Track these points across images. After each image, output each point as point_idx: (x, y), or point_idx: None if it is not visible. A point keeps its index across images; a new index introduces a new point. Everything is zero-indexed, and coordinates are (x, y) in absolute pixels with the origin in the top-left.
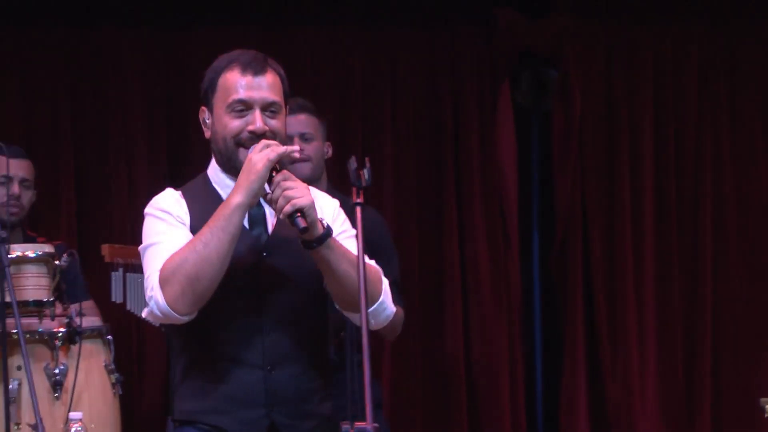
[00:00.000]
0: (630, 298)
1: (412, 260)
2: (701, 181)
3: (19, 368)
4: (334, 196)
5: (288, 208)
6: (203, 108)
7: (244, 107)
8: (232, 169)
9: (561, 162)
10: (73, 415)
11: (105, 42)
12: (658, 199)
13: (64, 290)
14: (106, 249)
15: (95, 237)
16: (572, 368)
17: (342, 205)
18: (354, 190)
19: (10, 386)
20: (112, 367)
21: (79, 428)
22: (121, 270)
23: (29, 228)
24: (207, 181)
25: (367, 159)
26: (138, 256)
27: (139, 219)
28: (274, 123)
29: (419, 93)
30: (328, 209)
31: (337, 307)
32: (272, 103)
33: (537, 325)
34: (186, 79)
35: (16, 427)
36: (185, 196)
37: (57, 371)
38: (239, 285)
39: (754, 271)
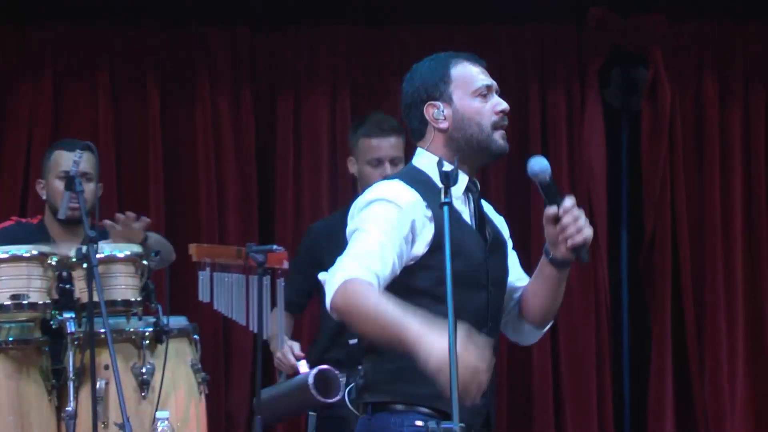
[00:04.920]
0: (719, 299)
1: None
2: None
3: (106, 368)
4: None
5: (579, 239)
6: (432, 103)
7: (488, 92)
8: (478, 155)
9: (650, 162)
10: (159, 414)
11: (195, 39)
12: (748, 199)
13: (152, 290)
14: (193, 248)
15: (183, 236)
16: (660, 370)
17: None
18: (443, 189)
19: (98, 385)
20: (199, 366)
21: (166, 427)
22: (208, 269)
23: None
24: (425, 176)
25: (455, 158)
26: (225, 256)
27: (226, 219)
28: None
29: (506, 90)
30: (503, 225)
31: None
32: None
33: (625, 325)
34: (275, 79)
35: (103, 426)
36: (424, 196)
37: (144, 370)
38: (473, 279)
39: None
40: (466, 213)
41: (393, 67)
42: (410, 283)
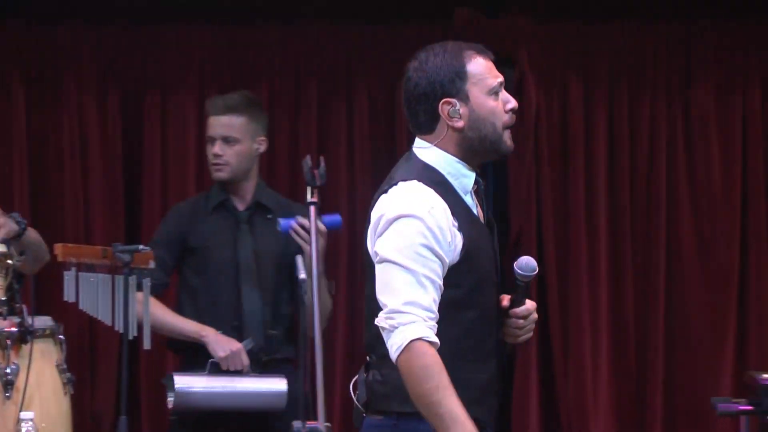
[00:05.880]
0: (584, 298)
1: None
2: (655, 181)
3: None
4: (265, 193)
5: (524, 339)
6: (448, 100)
7: (500, 89)
8: (488, 153)
9: (515, 162)
10: (24, 414)
11: (61, 38)
12: (612, 200)
13: (17, 290)
14: (59, 248)
15: (48, 236)
16: (524, 367)
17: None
18: (309, 189)
19: None
20: (64, 366)
21: (30, 428)
22: (74, 269)
23: None
24: (439, 174)
25: (321, 158)
26: (91, 256)
27: (92, 219)
28: None
29: (376, 90)
30: None
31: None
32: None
33: None
34: (142, 78)
35: None
36: (447, 203)
37: (8, 371)
38: (491, 277)
39: (708, 272)
40: (474, 208)
41: (261, 67)
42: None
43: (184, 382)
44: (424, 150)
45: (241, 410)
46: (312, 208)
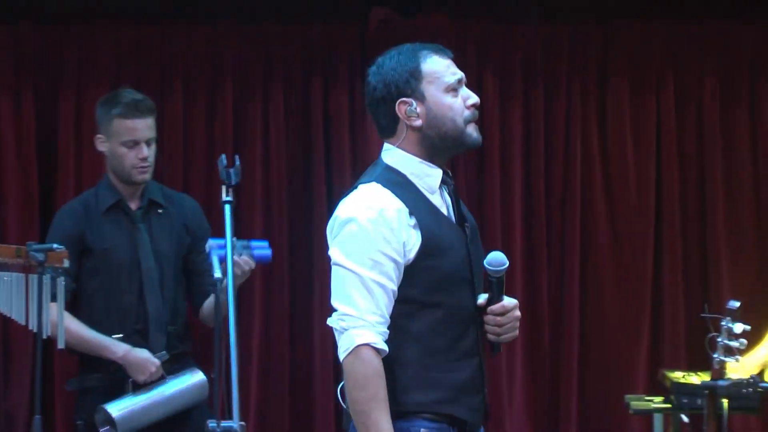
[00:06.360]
0: None
1: (281, 258)
2: (570, 180)
3: None
4: (153, 188)
5: (508, 338)
6: (404, 100)
7: (458, 86)
8: (452, 149)
9: None
10: None
11: None
12: (528, 198)
13: None
14: None
15: None
16: None
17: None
18: (224, 187)
19: None
20: None
21: None
22: None
23: None
24: (400, 175)
25: (236, 156)
26: (4, 255)
27: (6, 217)
28: None
29: (291, 90)
30: None
31: None
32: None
33: None
34: (57, 77)
35: None
36: (406, 202)
37: None
38: (460, 276)
39: (621, 270)
40: (443, 207)
41: (177, 66)
42: (399, 293)
43: (118, 408)
44: (387, 152)
45: (176, 412)
46: (227, 207)
